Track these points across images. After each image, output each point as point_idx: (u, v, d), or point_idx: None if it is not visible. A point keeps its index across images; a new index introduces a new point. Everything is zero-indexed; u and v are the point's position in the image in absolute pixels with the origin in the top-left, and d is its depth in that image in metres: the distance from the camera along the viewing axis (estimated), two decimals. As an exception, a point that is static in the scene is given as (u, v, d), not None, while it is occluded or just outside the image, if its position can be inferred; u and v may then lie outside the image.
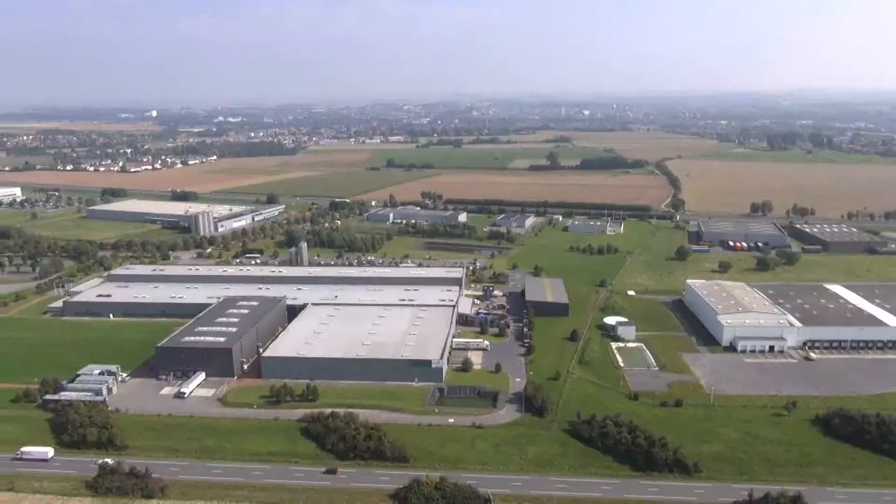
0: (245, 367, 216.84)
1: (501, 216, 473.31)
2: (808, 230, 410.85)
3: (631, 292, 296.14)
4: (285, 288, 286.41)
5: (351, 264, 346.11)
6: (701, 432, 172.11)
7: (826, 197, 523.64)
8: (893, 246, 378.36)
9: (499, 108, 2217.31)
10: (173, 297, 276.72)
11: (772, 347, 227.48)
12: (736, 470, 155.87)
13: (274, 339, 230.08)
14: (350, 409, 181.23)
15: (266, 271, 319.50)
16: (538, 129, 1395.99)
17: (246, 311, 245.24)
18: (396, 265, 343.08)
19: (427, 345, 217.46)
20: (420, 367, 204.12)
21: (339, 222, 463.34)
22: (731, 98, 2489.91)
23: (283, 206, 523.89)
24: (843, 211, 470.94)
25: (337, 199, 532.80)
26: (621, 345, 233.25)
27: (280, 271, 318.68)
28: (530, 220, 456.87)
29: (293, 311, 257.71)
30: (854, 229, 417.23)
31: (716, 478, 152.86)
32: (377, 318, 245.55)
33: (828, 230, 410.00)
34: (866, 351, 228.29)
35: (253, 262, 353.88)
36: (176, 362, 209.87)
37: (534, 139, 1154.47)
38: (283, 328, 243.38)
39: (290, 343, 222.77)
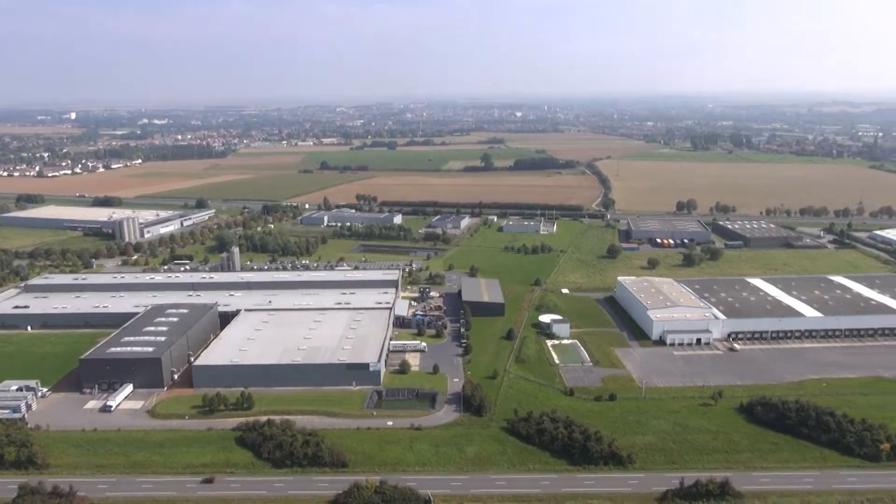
0: (175, 377, 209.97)
1: (437, 217, 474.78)
2: (729, 227, 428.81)
3: (565, 290, 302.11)
4: (217, 294, 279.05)
5: (285, 268, 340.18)
6: (634, 424, 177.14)
7: (746, 194, 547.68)
8: (808, 240, 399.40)
9: (432, 109, 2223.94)
10: (97, 307, 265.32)
11: (698, 340, 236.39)
12: (667, 459, 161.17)
13: (206, 348, 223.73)
14: (287, 416, 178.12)
15: (196, 278, 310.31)
16: (472, 130, 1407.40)
17: (175, 320, 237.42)
18: (332, 268, 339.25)
19: (364, 348, 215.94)
20: (357, 371, 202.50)
21: (272, 226, 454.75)
22: (659, 100, 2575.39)
23: (214, 211, 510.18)
24: (761, 208, 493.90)
25: (269, 203, 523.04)
26: (556, 342, 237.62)
27: (211, 277, 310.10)
28: (465, 221, 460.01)
29: (226, 318, 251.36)
30: (772, 225, 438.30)
31: (649, 468, 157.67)
32: (313, 322, 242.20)
33: (748, 226, 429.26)
34: (785, 340, 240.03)
35: (182, 269, 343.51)
36: (101, 375, 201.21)
37: (467, 141, 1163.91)
38: (216, 336, 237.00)
39: (222, 350, 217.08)
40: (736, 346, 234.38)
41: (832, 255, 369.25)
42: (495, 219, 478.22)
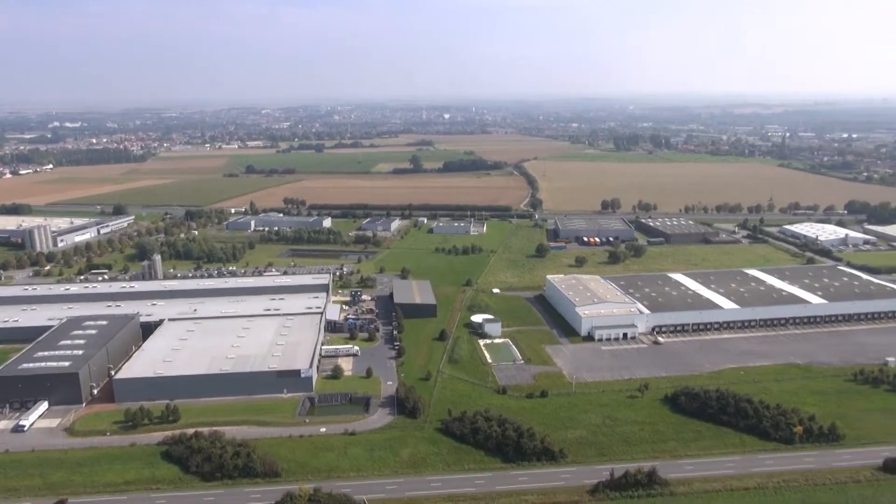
0: (95, 392, 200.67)
1: (367, 220, 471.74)
2: (651, 224, 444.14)
3: (496, 290, 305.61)
4: (138, 304, 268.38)
5: (211, 276, 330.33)
6: (565, 419, 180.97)
7: (666, 193, 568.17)
8: (724, 236, 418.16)
9: (360, 111, 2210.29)
10: (6, 322, 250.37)
11: (625, 335, 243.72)
12: (598, 452, 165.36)
13: (127, 360, 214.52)
14: (215, 428, 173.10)
15: (116, 287, 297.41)
16: (400, 132, 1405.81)
17: (94, 332, 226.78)
18: (260, 274, 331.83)
19: (295, 354, 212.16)
20: (289, 378, 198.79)
21: (195, 232, 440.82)
22: (583, 102, 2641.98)
23: (133, 217, 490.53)
24: (680, 205, 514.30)
25: (193, 208, 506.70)
26: (488, 341, 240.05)
27: (132, 287, 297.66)
28: (396, 224, 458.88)
29: (148, 329, 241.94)
30: (691, 222, 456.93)
31: (580, 461, 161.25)
32: (241, 329, 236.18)
33: (669, 223, 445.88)
34: (705, 332, 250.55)
35: (100, 279, 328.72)
36: (12, 392, 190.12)
37: (396, 143, 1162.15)
38: (138, 347, 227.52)
39: (145, 362, 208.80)
40: (660, 339, 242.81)
41: (746, 250, 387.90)
42: (425, 220, 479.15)
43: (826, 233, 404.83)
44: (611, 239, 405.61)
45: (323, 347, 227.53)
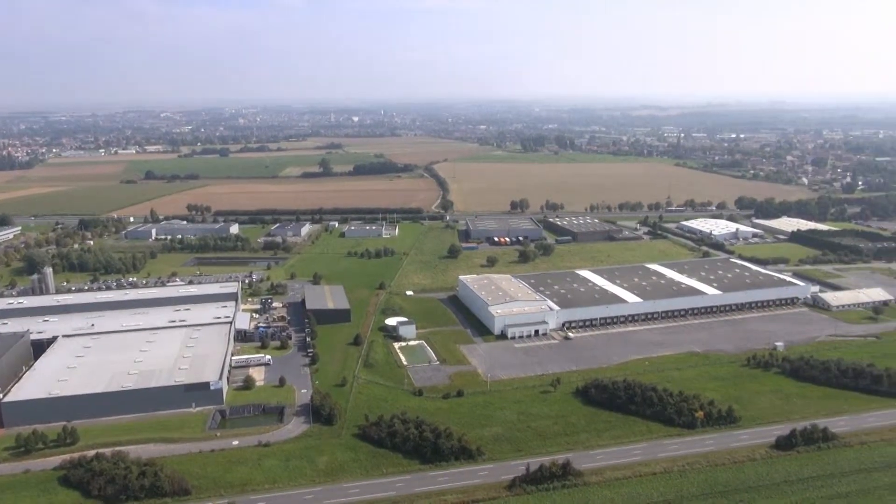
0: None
1: (276, 226, 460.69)
2: (559, 223, 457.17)
3: (409, 292, 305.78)
4: (28, 321, 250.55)
5: (109, 288, 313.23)
6: (481, 418, 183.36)
7: (572, 192, 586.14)
8: (627, 233, 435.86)
9: (266, 114, 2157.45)
10: None
11: (537, 331, 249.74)
12: (514, 448, 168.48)
13: (17, 381, 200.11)
14: (119, 448, 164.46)
15: (2, 304, 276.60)
16: (308, 136, 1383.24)
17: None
18: (164, 285, 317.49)
19: (203, 366, 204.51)
20: (197, 391, 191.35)
21: (91, 242, 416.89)
22: (491, 104, 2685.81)
23: (20, 228, 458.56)
24: (586, 204, 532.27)
25: (87, 217, 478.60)
26: (403, 344, 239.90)
27: (20, 302, 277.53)
28: (306, 228, 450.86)
29: (40, 347, 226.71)
30: (596, 220, 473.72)
31: (497, 458, 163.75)
32: (144, 343, 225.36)
33: (575, 222, 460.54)
34: (612, 326, 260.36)
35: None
36: None
37: (305, 146, 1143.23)
38: (29, 367, 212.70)
39: (37, 383, 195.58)
40: (570, 334, 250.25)
41: (647, 246, 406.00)
42: (337, 224, 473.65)
43: (719, 228, 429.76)
44: (521, 238, 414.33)
45: (233, 358, 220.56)
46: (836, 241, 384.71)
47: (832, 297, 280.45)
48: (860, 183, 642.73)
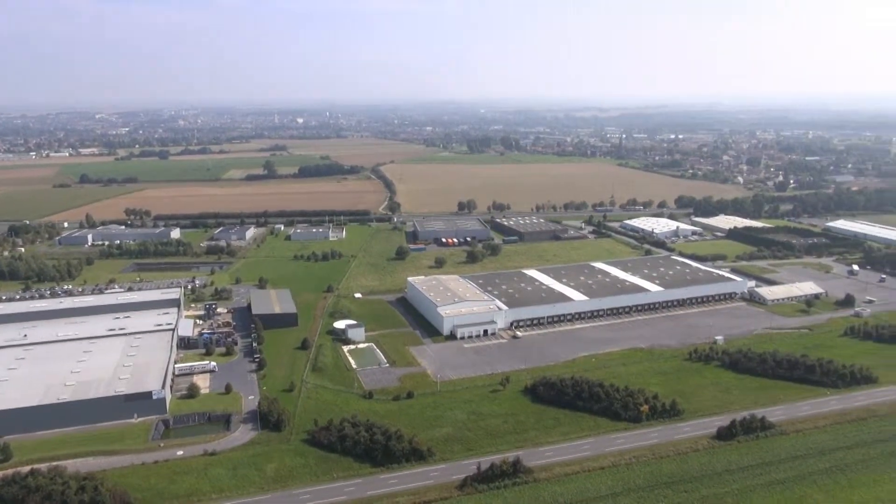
0: None
1: (219, 229, 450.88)
2: (506, 223, 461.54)
3: (357, 294, 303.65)
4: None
5: (42, 296, 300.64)
6: (432, 419, 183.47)
7: (518, 193, 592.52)
8: (572, 232, 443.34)
9: (208, 116, 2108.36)
10: None
11: (485, 331, 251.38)
12: (465, 447, 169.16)
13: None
14: (56, 463, 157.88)
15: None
16: (252, 137, 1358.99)
17: None
18: (101, 292, 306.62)
19: (145, 375, 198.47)
20: (139, 401, 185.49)
21: (22, 249, 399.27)
22: (436, 106, 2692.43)
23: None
24: (531, 204, 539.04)
25: (17, 223, 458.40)
26: (352, 347, 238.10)
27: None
28: (251, 232, 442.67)
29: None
30: (542, 220, 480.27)
31: (448, 458, 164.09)
32: (82, 353, 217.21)
33: (522, 222, 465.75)
34: (560, 324, 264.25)
35: None
36: None
37: (248, 148, 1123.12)
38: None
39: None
40: (518, 333, 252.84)
41: (592, 244, 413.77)
42: (282, 227, 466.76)
43: (660, 226, 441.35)
44: (468, 239, 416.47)
45: (176, 366, 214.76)
46: (770, 237, 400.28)
47: (767, 292, 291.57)
48: (791, 181, 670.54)
